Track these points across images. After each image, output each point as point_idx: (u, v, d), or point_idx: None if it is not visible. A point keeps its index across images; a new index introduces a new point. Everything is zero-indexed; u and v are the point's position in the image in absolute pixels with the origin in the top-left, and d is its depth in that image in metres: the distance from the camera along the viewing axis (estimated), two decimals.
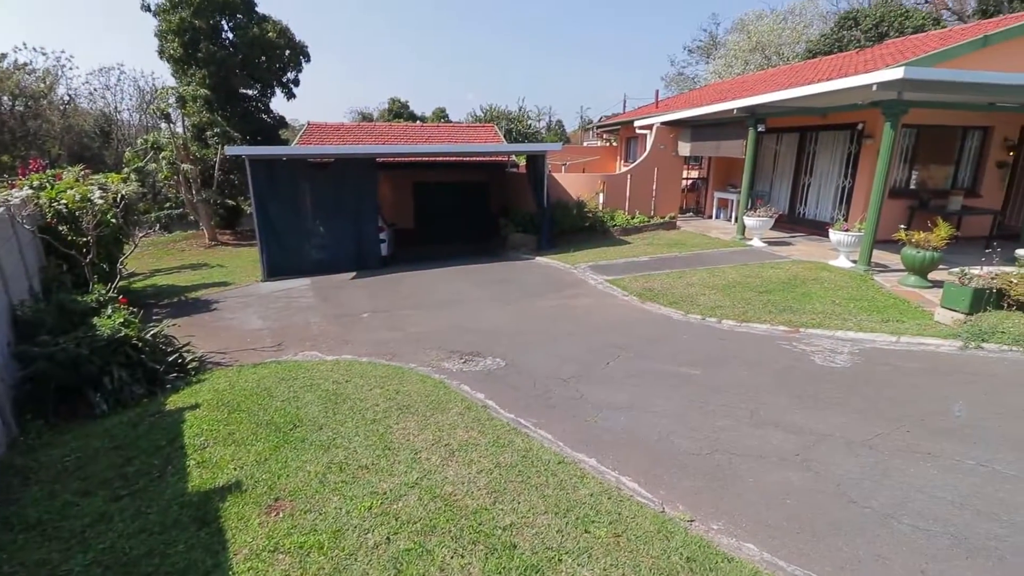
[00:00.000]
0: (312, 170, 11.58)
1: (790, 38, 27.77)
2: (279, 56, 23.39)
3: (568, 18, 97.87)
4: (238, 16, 22.54)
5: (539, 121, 45.66)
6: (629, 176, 14.08)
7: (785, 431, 3.88)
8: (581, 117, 49.17)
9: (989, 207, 10.67)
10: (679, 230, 13.36)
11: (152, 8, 21.48)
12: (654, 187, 14.15)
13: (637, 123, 15.88)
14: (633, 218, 13.64)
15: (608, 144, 23.90)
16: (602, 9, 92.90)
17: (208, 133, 19.56)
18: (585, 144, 31.44)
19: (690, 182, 16.72)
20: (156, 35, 21.86)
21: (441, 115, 43.26)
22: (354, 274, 11.19)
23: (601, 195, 13.89)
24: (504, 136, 27.55)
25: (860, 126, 10.38)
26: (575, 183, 14.12)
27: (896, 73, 6.84)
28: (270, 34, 22.42)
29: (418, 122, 39.02)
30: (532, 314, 7.74)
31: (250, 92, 23.90)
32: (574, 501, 3.10)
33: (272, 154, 11.38)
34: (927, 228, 7.68)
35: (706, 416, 4.21)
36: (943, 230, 7.45)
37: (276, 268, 11.12)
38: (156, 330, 6.09)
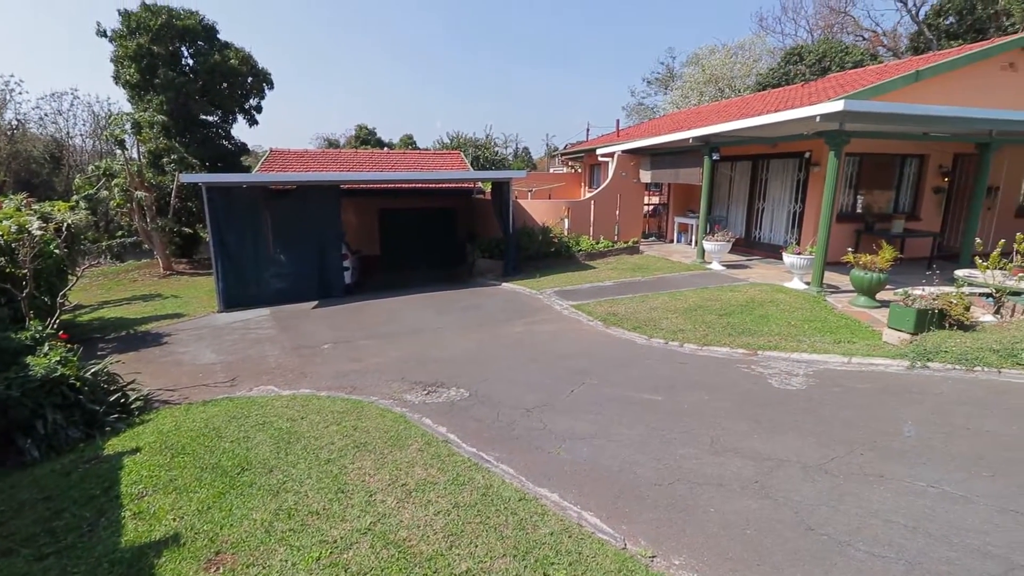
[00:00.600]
0: (273, 197, 11.36)
1: (741, 71, 29.28)
2: (241, 83, 23.17)
3: (535, 45, 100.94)
4: (199, 43, 22.30)
5: (506, 148, 46.39)
6: (593, 202, 14.35)
7: (744, 457, 3.90)
8: (547, 144, 50.24)
9: (928, 230, 11.30)
10: (642, 254, 13.63)
11: (108, 34, 21.04)
12: (617, 213, 14.46)
13: (599, 151, 16.28)
14: (598, 243, 13.86)
15: (573, 171, 24.40)
16: (566, 38, 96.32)
17: (165, 159, 19.06)
18: (551, 171, 32.03)
19: (652, 207, 17.17)
20: (112, 61, 21.39)
21: (409, 142, 43.48)
22: (316, 303, 10.92)
23: (566, 220, 14.09)
24: (471, 163, 27.82)
25: (807, 154, 10.92)
26: (541, 209, 14.30)
27: (837, 106, 7.23)
28: (232, 61, 22.22)
29: (385, 149, 39.11)
30: (498, 341, 7.67)
31: (211, 118, 23.52)
32: (534, 541, 3.00)
33: (230, 181, 11.12)
34: (873, 251, 8.05)
35: (668, 444, 4.20)
36: (888, 252, 7.81)
37: (234, 298, 10.75)
38: (98, 368, 5.74)
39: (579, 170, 23.04)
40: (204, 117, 23.05)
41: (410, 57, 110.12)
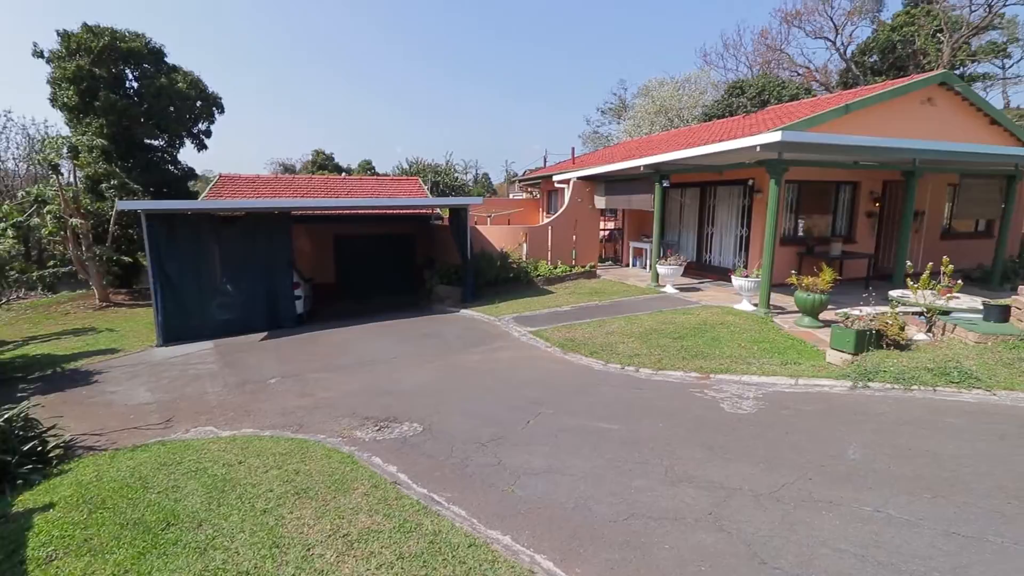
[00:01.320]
0: (220, 225, 10.92)
1: (688, 103, 30.72)
2: (190, 107, 22.47)
3: (496, 74, 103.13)
4: (145, 65, 21.59)
5: (466, 174, 46.70)
6: (550, 228, 14.50)
7: (698, 488, 3.87)
8: (506, 170, 50.99)
9: (864, 251, 11.94)
10: (599, 279, 13.80)
11: (45, 55, 20.08)
12: (574, 238, 14.64)
13: (556, 178, 16.55)
14: (556, 268, 13.95)
15: (532, 197, 24.70)
16: (526, 68, 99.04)
17: (104, 185, 18.18)
18: (511, 196, 32.37)
19: (608, 232, 17.50)
20: (49, 82, 20.37)
21: (367, 167, 43.14)
22: (265, 335, 10.46)
23: (524, 246, 14.15)
24: (431, 189, 27.78)
25: (751, 182, 11.41)
26: (499, 234, 14.32)
27: (775, 136, 7.59)
28: (180, 84, 21.57)
29: (343, 174, 38.62)
30: (454, 371, 7.51)
31: (156, 142, 22.65)
32: None
33: (173, 208, 10.64)
34: (814, 272, 8.39)
35: (623, 476, 4.13)
36: (827, 274, 8.16)
37: (175, 331, 10.17)
38: (12, 412, 5.22)
39: (537, 196, 23.35)
40: (149, 141, 22.19)
41: (371, 84, 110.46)
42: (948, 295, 7.39)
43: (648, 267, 13.95)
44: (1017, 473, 3.86)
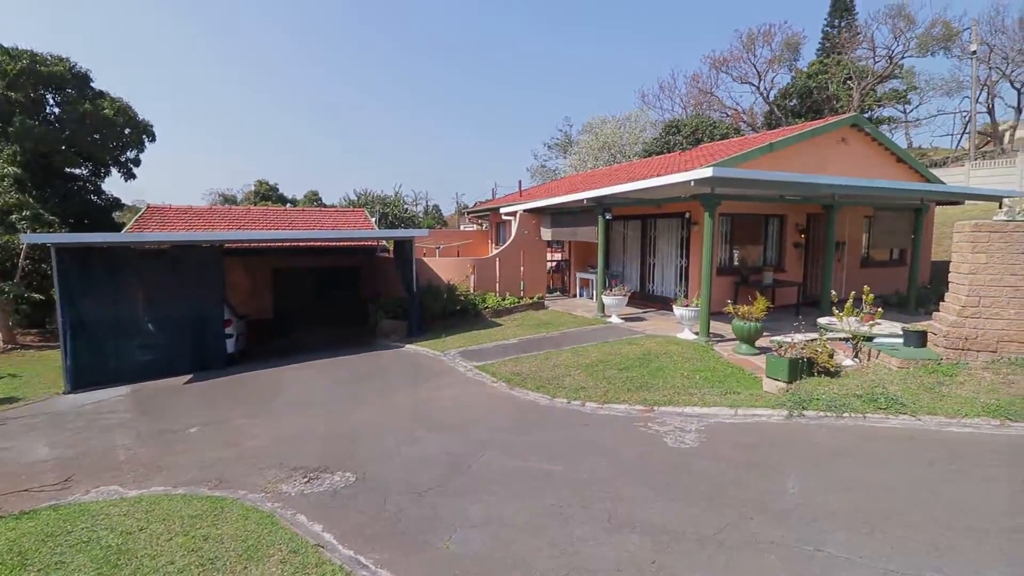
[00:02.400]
0: (143, 259, 10.20)
1: (629, 139, 32.15)
2: (118, 134, 21.34)
3: (449, 108, 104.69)
4: (68, 90, 20.39)
5: (416, 205, 46.56)
6: (498, 259, 14.46)
7: (641, 533, 3.73)
8: (457, 202, 51.28)
9: (793, 280, 12.56)
10: (547, 310, 13.81)
11: None
12: (522, 269, 14.66)
13: (503, 210, 16.65)
14: (504, 300, 13.86)
15: (481, 228, 24.77)
16: (480, 101, 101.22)
17: (15, 216, 16.73)
18: (462, 228, 32.39)
19: (555, 263, 17.67)
20: None
21: (314, 198, 42.17)
22: (190, 377, 9.70)
23: (472, 278, 14.01)
24: (379, 220, 27.38)
25: (687, 214, 11.85)
26: (447, 266, 14.13)
27: (707, 172, 7.91)
28: (107, 111, 20.48)
29: (288, 205, 37.56)
30: (396, 412, 7.16)
31: (78, 171, 21.28)
32: None
33: (86, 242, 9.82)
34: (749, 301, 8.69)
35: (565, 524, 3.94)
36: (761, 303, 8.46)
37: (87, 375, 9.29)
38: None
39: (486, 228, 23.42)
40: (70, 170, 20.81)
41: (320, 116, 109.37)
42: (871, 321, 7.79)
43: (595, 297, 14.10)
44: (946, 502, 3.96)
